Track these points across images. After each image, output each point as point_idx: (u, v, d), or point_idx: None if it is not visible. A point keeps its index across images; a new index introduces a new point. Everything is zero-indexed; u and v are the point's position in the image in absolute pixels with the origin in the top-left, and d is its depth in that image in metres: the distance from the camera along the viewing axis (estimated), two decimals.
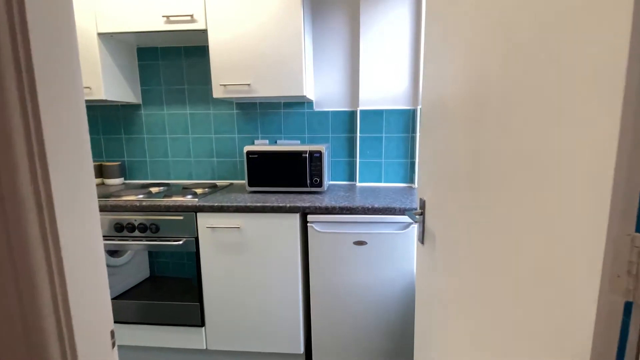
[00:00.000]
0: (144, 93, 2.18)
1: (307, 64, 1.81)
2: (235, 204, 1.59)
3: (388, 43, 1.94)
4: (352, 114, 2.07)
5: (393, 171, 2.05)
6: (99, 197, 1.72)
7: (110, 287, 1.70)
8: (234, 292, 1.68)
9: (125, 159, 2.26)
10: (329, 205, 1.55)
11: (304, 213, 1.60)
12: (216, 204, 1.60)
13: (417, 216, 1.20)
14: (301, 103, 2.09)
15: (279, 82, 1.76)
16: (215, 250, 1.66)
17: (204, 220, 1.64)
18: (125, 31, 1.78)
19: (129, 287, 1.88)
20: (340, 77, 2.04)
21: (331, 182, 2.14)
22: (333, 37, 2.01)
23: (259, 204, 1.58)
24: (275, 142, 2.11)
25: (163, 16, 1.73)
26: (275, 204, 1.57)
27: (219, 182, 2.19)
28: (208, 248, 1.66)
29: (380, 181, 2.07)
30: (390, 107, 2.00)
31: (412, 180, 2.04)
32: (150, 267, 2.14)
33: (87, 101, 1.96)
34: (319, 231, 1.57)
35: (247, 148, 1.79)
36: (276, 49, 1.73)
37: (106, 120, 2.22)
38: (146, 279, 2.03)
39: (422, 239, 1.18)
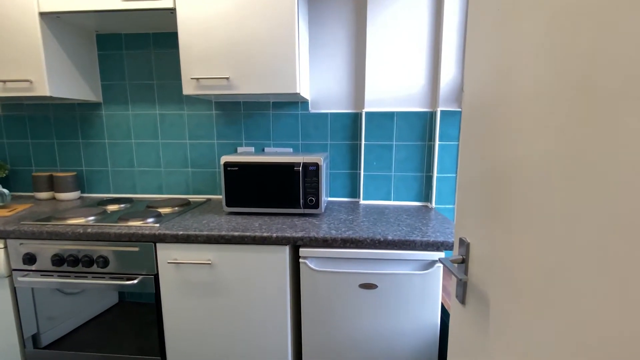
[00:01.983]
0: (105, 89, 1.80)
1: (301, 54, 1.45)
2: (205, 233, 1.22)
3: (401, 31, 1.58)
4: (355, 117, 1.71)
5: (405, 187, 1.69)
6: (36, 220, 1.35)
7: (72, 316, 1.32)
8: (205, 346, 1.31)
9: (83, 168, 1.88)
10: (327, 236, 1.18)
11: (296, 245, 1.24)
12: (181, 233, 1.23)
13: (455, 264, 0.84)
14: (294, 103, 1.72)
15: (266, 76, 1.39)
16: (181, 293, 1.28)
17: (166, 253, 1.27)
18: (72, 10, 1.40)
19: (91, 316, 1.43)
20: (342, 71, 1.68)
21: (330, 199, 1.77)
22: (334, 23, 1.65)
23: (236, 234, 1.21)
24: (263, 149, 1.74)
25: None
26: (258, 234, 1.20)
27: (194, 198, 1.82)
28: (170, 289, 1.29)
29: (389, 199, 1.70)
30: (403, 108, 1.64)
31: (428, 199, 1.68)
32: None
33: (30, 98, 1.59)
34: (314, 269, 1.20)
35: (224, 158, 1.42)
36: (262, 35, 1.37)
37: (60, 121, 1.84)
38: (114, 305, 1.54)
39: (462, 297, 0.82)
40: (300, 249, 1.21)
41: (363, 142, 1.67)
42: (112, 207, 1.59)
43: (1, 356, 1.39)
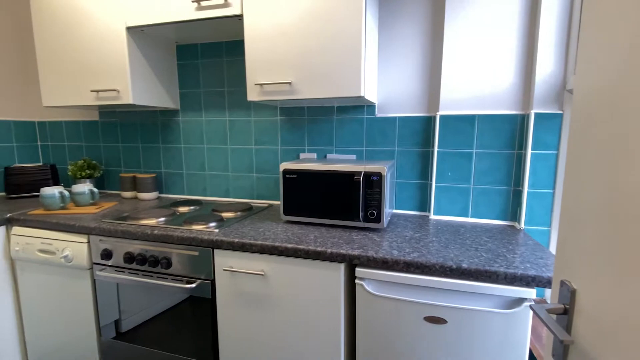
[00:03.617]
0: (182, 97, 1.91)
1: (368, 54, 1.33)
2: (259, 242, 1.17)
3: (486, 18, 1.36)
4: (428, 121, 1.52)
5: (487, 202, 1.45)
6: (115, 219, 1.46)
7: (147, 307, 1.42)
8: (257, 358, 1.27)
9: (162, 170, 2.02)
10: (388, 257, 1.04)
11: (352, 263, 1.12)
12: (236, 240, 1.21)
13: (553, 315, 0.64)
14: (359, 107, 1.61)
15: (329, 80, 1.31)
16: (235, 301, 1.26)
17: (222, 260, 1.26)
18: (153, 23, 1.50)
19: (160, 311, 1.48)
20: (413, 70, 1.52)
21: (395, 211, 1.61)
22: (405, 17, 1.50)
23: (290, 246, 1.14)
24: (325, 156, 1.66)
25: (193, 1, 1.41)
26: (312, 248, 1.11)
27: (257, 203, 1.81)
28: (226, 297, 1.27)
29: (466, 215, 1.48)
30: (486, 111, 1.41)
31: (515, 218, 1.41)
32: None
33: (119, 106, 1.75)
34: (371, 293, 1.07)
35: (283, 165, 1.37)
36: (326, 38, 1.29)
37: (144, 127, 2.00)
38: (182, 302, 1.54)
39: (563, 357, 0.62)
40: (357, 269, 1.09)
41: (436, 149, 1.48)
42: (182, 209, 1.66)
43: (80, 342, 1.54)
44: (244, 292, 1.24)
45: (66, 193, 1.62)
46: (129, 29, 1.55)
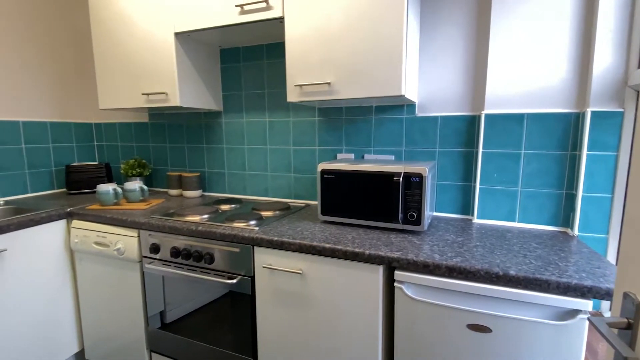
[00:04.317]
0: (225, 99, 1.98)
1: (409, 52, 1.30)
2: (297, 241, 1.19)
3: (536, 9, 1.28)
4: (472, 120, 1.47)
5: (536, 206, 1.37)
6: (163, 215, 1.54)
7: (189, 300, 1.49)
8: (294, 356, 1.28)
9: (205, 170, 2.10)
10: (429, 260, 1.01)
11: (391, 266, 1.10)
12: (275, 239, 1.23)
13: (615, 329, 0.60)
14: (399, 107, 1.58)
15: (369, 79, 1.30)
16: (274, 298, 1.29)
17: (262, 257, 1.29)
18: (199, 28, 1.57)
19: (203, 303, 1.49)
20: (456, 68, 1.47)
21: (435, 214, 1.56)
22: (448, 11, 1.45)
23: (327, 246, 1.14)
24: (362, 156, 1.65)
25: (236, 6, 1.46)
26: (350, 248, 1.11)
27: (294, 203, 1.84)
28: (265, 293, 1.30)
29: (512, 219, 1.41)
30: (536, 109, 1.33)
31: (568, 223, 1.32)
32: None
33: (167, 108, 1.85)
34: (411, 297, 1.04)
35: (321, 165, 1.37)
36: (366, 36, 1.28)
37: (190, 128, 2.10)
38: (223, 296, 1.45)
39: None
40: (396, 272, 1.07)
41: (481, 149, 1.42)
42: (224, 207, 1.72)
43: (129, 330, 1.64)
44: (282, 290, 1.26)
45: (119, 190, 1.74)
46: (176, 34, 1.63)
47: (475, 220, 1.46)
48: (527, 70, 1.32)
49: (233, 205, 1.75)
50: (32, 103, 2.05)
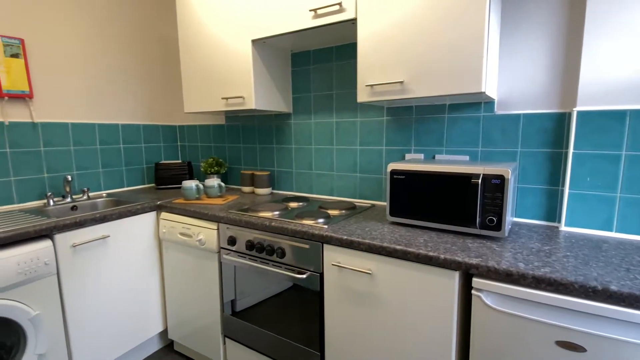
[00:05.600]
0: (295, 101, 2.06)
1: (490, 45, 1.23)
2: (367, 241, 1.19)
3: None
4: (560, 118, 1.34)
5: (639, 215, 1.20)
6: (239, 210, 1.66)
7: (257, 291, 1.59)
8: (362, 355, 1.29)
9: (275, 168, 2.21)
10: (513, 269, 0.95)
11: (468, 273, 1.05)
12: (345, 237, 1.25)
13: None
14: (475, 104, 1.50)
15: (444, 76, 1.25)
16: (342, 296, 1.31)
17: (331, 255, 1.31)
18: (274, 34, 1.65)
19: (269, 295, 1.57)
20: (542, 60, 1.35)
21: (515, 219, 1.45)
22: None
23: (399, 247, 1.13)
24: (433, 157, 1.60)
25: (310, 10, 1.51)
26: (423, 251, 1.08)
27: (360, 203, 1.84)
28: (333, 291, 1.33)
29: (609, 229, 1.25)
30: None
31: None
32: None
33: (242, 111, 1.97)
34: (491, 307, 0.99)
35: (391, 166, 1.36)
36: (443, 32, 1.23)
37: (261, 130, 2.22)
38: (289, 289, 1.52)
39: None
40: (474, 279, 1.01)
41: (571, 150, 1.29)
42: (292, 205, 1.79)
43: (206, 315, 1.78)
44: (350, 288, 1.27)
45: (201, 186, 1.90)
46: (253, 41, 1.74)
47: (563, 227, 1.33)
48: (632, 59, 1.16)
49: (301, 203, 1.81)
50: (129, 109, 2.34)
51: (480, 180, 1.16)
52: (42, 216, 1.59)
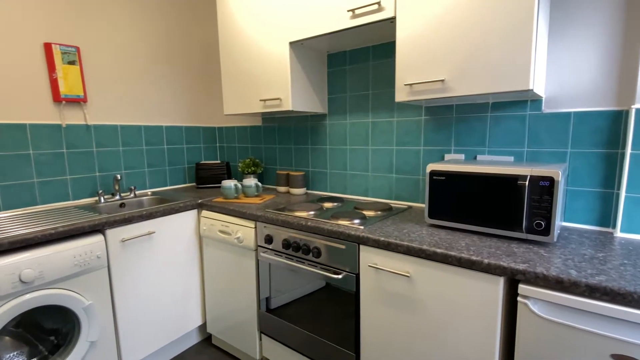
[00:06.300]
0: (330, 102, 2.06)
1: (539, 40, 1.17)
2: (405, 243, 1.18)
3: None
4: (617, 117, 1.24)
5: None
6: (275, 209, 1.69)
7: (290, 290, 1.62)
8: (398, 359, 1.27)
9: (309, 169, 2.23)
10: (564, 276, 0.89)
11: (514, 279, 1.00)
12: (382, 239, 1.24)
13: None
14: (521, 102, 1.43)
15: (489, 73, 1.21)
16: (378, 298, 1.30)
17: (367, 256, 1.31)
18: (313, 36, 1.66)
19: (303, 294, 1.60)
20: (596, 55, 1.26)
21: (564, 224, 1.37)
22: None
23: (439, 250, 1.10)
24: (475, 157, 1.55)
25: (348, 11, 1.51)
26: (465, 255, 1.05)
27: (395, 204, 1.82)
28: (370, 292, 1.32)
29: None
30: None
31: None
32: None
33: (279, 112, 2.01)
34: (538, 315, 0.94)
35: (431, 166, 1.33)
36: (488, 27, 1.19)
37: (297, 130, 2.25)
38: (322, 288, 1.54)
39: None
40: (520, 285, 0.97)
41: (629, 150, 1.19)
42: (327, 205, 1.80)
43: (243, 310, 1.83)
44: (387, 290, 1.26)
45: (239, 185, 1.96)
46: (291, 44, 1.77)
47: (619, 234, 1.24)
48: None
49: (335, 204, 1.82)
50: (172, 111, 2.45)
51: (527, 182, 1.10)
52: (94, 212, 1.71)
